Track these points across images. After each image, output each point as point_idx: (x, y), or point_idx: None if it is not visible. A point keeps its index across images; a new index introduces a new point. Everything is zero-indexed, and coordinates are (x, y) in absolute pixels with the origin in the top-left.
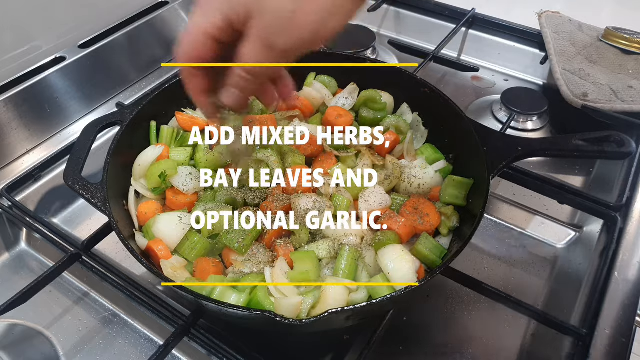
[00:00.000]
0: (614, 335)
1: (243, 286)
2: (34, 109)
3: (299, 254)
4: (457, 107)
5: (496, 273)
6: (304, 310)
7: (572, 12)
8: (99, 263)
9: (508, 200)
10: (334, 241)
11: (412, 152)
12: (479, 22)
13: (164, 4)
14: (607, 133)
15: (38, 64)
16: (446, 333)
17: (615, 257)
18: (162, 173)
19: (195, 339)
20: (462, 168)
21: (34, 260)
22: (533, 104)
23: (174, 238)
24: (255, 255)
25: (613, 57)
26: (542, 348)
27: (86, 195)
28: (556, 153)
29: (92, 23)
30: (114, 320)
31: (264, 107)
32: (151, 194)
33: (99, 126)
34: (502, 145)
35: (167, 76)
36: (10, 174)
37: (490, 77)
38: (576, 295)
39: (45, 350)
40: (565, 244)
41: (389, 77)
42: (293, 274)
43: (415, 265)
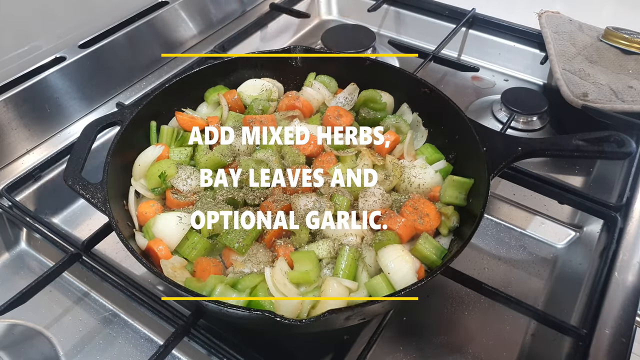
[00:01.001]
0: (614, 335)
1: (243, 286)
2: (34, 109)
3: (299, 254)
4: (457, 107)
5: (496, 273)
6: (304, 310)
7: (572, 12)
8: (99, 263)
9: (508, 200)
10: (334, 241)
11: (412, 152)
12: (479, 22)
13: (164, 4)
14: (607, 133)
15: (38, 64)
16: (446, 333)
17: (615, 257)
18: (162, 173)
19: (195, 339)
20: (462, 168)
21: (34, 260)
22: (533, 104)
23: (174, 238)
24: (255, 255)
25: (613, 57)
26: (542, 348)
27: (86, 195)
28: (556, 153)
29: (92, 23)
30: (114, 320)
31: (264, 106)
32: (151, 194)
33: (99, 126)
34: (502, 145)
35: (167, 76)
36: (10, 174)
37: (490, 77)
38: (576, 295)
39: (45, 350)
40: (565, 244)
41: (389, 77)
42: (293, 274)
43: (415, 266)
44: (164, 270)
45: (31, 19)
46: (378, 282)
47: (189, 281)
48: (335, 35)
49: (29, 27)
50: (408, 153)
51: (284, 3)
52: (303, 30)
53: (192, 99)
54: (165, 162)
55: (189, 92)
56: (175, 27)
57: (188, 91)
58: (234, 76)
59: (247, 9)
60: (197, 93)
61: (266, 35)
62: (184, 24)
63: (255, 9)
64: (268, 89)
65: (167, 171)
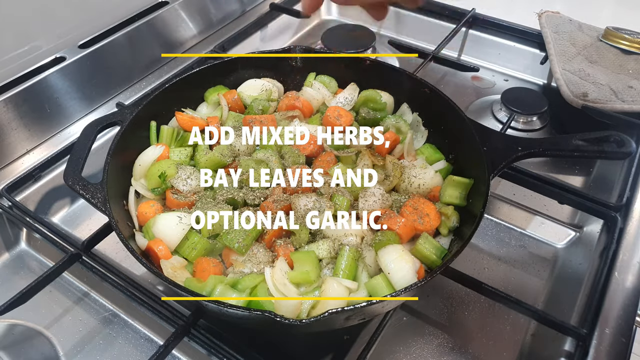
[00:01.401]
0: (614, 335)
1: (243, 286)
2: (34, 109)
3: (299, 254)
4: (457, 107)
5: (496, 273)
6: (304, 310)
7: (572, 12)
8: (99, 263)
9: (508, 200)
10: (334, 241)
11: (412, 152)
12: (479, 22)
13: (164, 4)
14: (607, 133)
15: (38, 64)
16: (446, 333)
17: (615, 257)
18: (162, 173)
19: (195, 339)
20: (462, 168)
21: (34, 260)
22: (533, 104)
23: (174, 238)
24: (255, 255)
25: (613, 57)
26: (542, 348)
27: (86, 195)
28: (556, 153)
29: (92, 23)
30: (114, 320)
31: (264, 106)
32: (151, 194)
33: (99, 126)
34: (502, 145)
35: (167, 76)
36: (10, 174)
37: (490, 77)
38: (576, 295)
39: (45, 350)
40: (565, 244)
41: (389, 77)
42: (293, 274)
43: (415, 266)
44: (164, 270)
45: (31, 19)
46: (378, 282)
47: (189, 281)
48: (335, 35)
49: (29, 27)
50: (408, 153)
51: (284, 3)
52: (303, 30)
53: (192, 99)
54: (165, 162)
55: (189, 92)
56: (175, 27)
57: (188, 91)
58: (234, 76)
59: (247, 9)
60: (197, 93)
61: (266, 35)
62: (184, 24)
63: (255, 9)
64: (268, 89)
65: (167, 171)
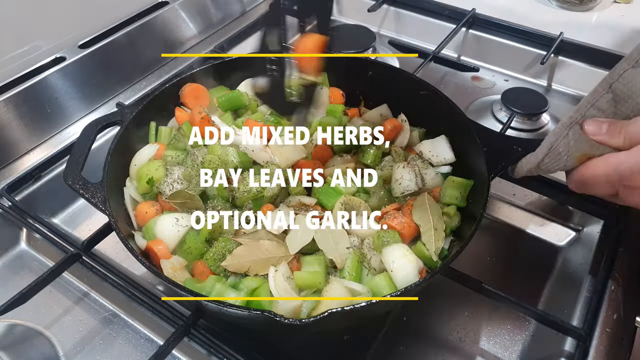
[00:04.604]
0: (614, 335)
1: (243, 286)
2: (34, 109)
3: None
4: (457, 108)
5: (496, 273)
6: (304, 310)
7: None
8: (99, 263)
9: (508, 200)
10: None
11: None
12: (479, 22)
13: (164, 4)
14: None
15: (38, 64)
16: (446, 333)
17: (615, 257)
18: (150, 179)
19: (195, 339)
20: (462, 168)
21: (34, 260)
22: (533, 104)
23: (171, 241)
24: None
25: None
26: (542, 348)
27: (86, 195)
28: None
29: (92, 23)
30: (114, 320)
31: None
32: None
33: (99, 126)
34: (502, 145)
35: (167, 76)
36: (10, 174)
37: (490, 77)
38: (576, 295)
39: (45, 350)
40: (565, 244)
41: (388, 77)
42: (301, 274)
43: (418, 266)
44: (164, 270)
45: (31, 19)
46: (380, 281)
47: (189, 281)
48: (335, 35)
49: (29, 27)
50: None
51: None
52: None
53: None
54: (153, 164)
55: None
56: (175, 27)
57: None
58: (234, 76)
59: (247, 9)
60: None
61: None
62: (184, 24)
63: (255, 9)
64: None
65: (154, 175)
